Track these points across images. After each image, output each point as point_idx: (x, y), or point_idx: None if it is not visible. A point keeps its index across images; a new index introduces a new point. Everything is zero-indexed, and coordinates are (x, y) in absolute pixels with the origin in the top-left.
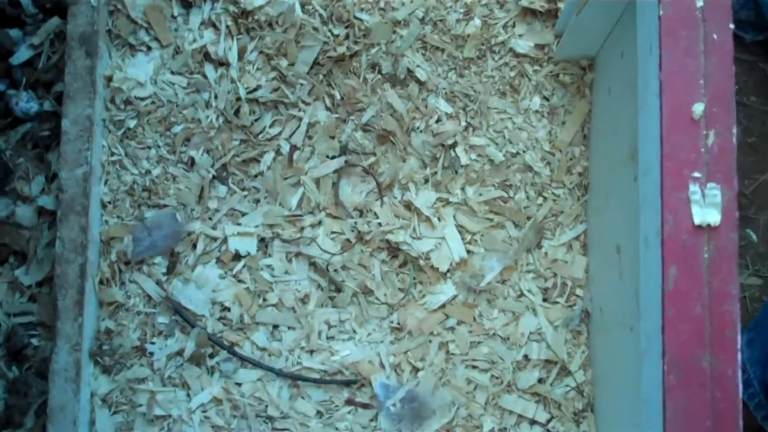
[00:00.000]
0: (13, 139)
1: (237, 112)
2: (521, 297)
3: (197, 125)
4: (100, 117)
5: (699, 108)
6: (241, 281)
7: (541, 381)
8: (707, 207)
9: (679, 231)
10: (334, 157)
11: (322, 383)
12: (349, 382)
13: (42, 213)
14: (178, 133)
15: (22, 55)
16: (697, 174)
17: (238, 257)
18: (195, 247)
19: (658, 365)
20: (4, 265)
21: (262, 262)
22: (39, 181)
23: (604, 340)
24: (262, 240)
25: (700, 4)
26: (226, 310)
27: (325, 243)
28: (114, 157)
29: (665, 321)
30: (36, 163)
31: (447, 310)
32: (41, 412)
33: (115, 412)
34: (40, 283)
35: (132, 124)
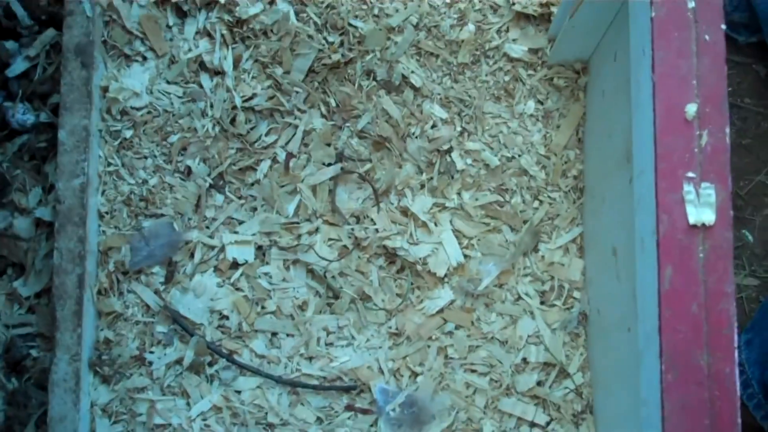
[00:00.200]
0: (10, 151)
1: (233, 121)
2: (519, 300)
3: (193, 134)
4: (97, 127)
5: (692, 108)
6: (239, 289)
7: (539, 384)
8: (702, 206)
9: (675, 231)
10: (330, 164)
11: (321, 390)
12: (349, 388)
13: (40, 224)
14: (174, 143)
15: (18, 67)
16: (691, 174)
17: (235, 265)
18: (192, 256)
19: (656, 365)
20: (3, 276)
21: (260, 269)
22: (36, 193)
23: (602, 341)
24: (259, 248)
25: (691, 5)
26: (224, 318)
27: (323, 250)
28: (111, 168)
29: (662, 321)
30: (33, 174)
31: (445, 315)
32: (41, 423)
33: (115, 422)
34: (38, 295)
35: (128, 134)
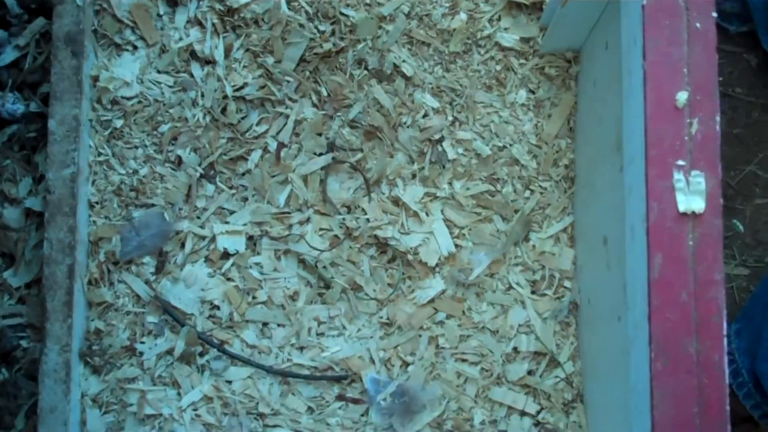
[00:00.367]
0: (0, 140)
1: (224, 110)
2: (510, 290)
3: (184, 124)
4: (87, 117)
5: (683, 96)
6: (230, 279)
7: (530, 373)
8: (691, 194)
9: (664, 219)
10: (321, 153)
11: (312, 379)
12: (340, 377)
13: (29, 214)
14: (165, 133)
15: (7, 56)
16: (681, 162)
17: (226, 255)
18: (183, 246)
19: (645, 352)
20: None
21: (251, 260)
22: (26, 183)
23: (593, 330)
24: (250, 238)
25: None
26: (215, 308)
27: (314, 240)
28: (101, 158)
29: (651, 308)
30: (23, 164)
31: (436, 305)
32: (31, 413)
33: (105, 412)
34: (28, 285)
35: (119, 123)
